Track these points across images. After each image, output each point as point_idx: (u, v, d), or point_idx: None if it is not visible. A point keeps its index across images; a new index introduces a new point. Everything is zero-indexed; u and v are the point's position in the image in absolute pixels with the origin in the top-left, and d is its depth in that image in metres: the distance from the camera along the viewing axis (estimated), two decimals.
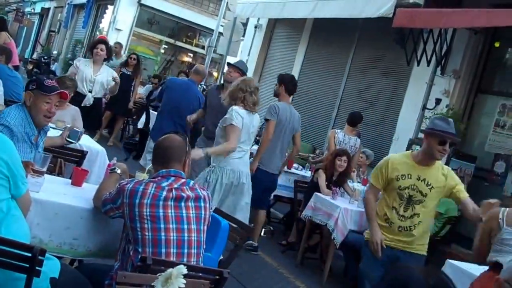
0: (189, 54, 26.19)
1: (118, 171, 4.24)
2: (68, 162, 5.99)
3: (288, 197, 9.51)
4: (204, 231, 3.83)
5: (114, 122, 13.74)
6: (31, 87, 4.70)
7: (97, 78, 9.53)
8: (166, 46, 25.61)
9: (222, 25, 17.61)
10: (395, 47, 11.31)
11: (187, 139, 4.08)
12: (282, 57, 16.30)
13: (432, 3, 10.00)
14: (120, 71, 12.74)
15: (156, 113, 10.64)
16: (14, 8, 37.72)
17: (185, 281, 2.41)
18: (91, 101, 9.45)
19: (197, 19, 24.41)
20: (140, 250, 3.58)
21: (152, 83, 16.50)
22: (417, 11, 9.91)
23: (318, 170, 8.65)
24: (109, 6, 25.32)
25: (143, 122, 13.02)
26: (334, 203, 7.70)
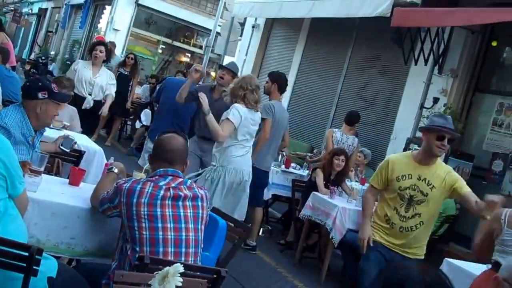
0: (186, 54, 26.17)
1: (116, 171, 4.24)
2: (65, 162, 5.98)
3: (286, 196, 9.49)
4: (201, 230, 3.83)
5: (111, 122, 13.71)
6: (42, 96, 4.61)
7: (96, 81, 9.38)
8: (164, 46, 25.58)
9: (219, 25, 17.59)
10: (393, 46, 11.32)
11: (187, 139, 4.08)
12: (279, 56, 16.28)
13: (429, 3, 10.01)
14: (117, 71, 12.73)
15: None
16: (12, 8, 37.64)
17: (182, 279, 2.41)
18: (91, 103, 9.32)
19: (194, 19, 24.39)
20: (137, 249, 3.58)
21: (149, 83, 16.48)
22: (414, 10, 9.92)
23: (316, 169, 8.64)
24: (106, 6, 25.31)
25: (148, 119, 12.97)
26: (332, 202, 7.69)
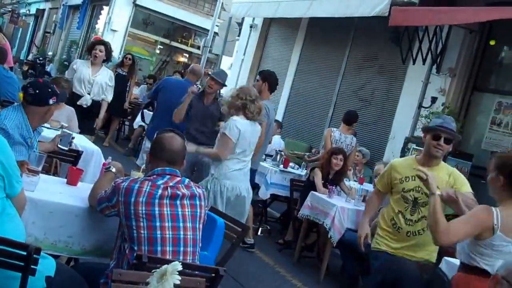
0: (184, 55, 26.21)
1: (113, 170, 4.24)
2: (63, 162, 5.97)
3: (284, 196, 9.49)
4: (199, 229, 3.82)
5: (109, 122, 13.70)
6: (53, 102, 4.70)
7: (95, 79, 9.17)
8: (162, 47, 25.62)
9: (217, 25, 17.61)
10: (391, 46, 11.33)
11: (185, 139, 4.09)
12: (277, 56, 16.27)
13: (427, 2, 10.00)
14: (115, 72, 12.71)
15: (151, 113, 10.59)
16: (9, 9, 37.62)
17: (180, 277, 2.40)
18: (89, 102, 9.14)
19: (192, 19, 24.43)
20: (135, 248, 3.58)
21: (147, 84, 16.48)
22: (412, 10, 9.91)
23: (314, 168, 8.64)
24: (104, 7, 25.36)
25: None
26: (330, 202, 7.69)
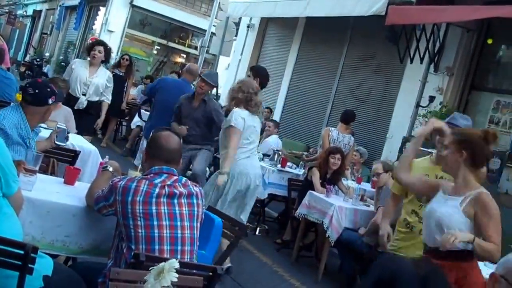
0: (182, 55, 26.18)
1: (110, 169, 4.24)
2: (60, 162, 5.95)
3: (282, 195, 9.48)
4: (197, 228, 3.82)
5: (107, 123, 13.65)
6: (52, 101, 4.73)
7: (92, 81, 8.99)
8: (159, 47, 25.59)
9: (214, 25, 17.59)
10: (388, 45, 11.32)
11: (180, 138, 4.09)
12: (275, 56, 16.28)
13: (424, 1, 10.00)
14: (112, 72, 12.67)
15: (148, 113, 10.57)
16: (6, 11, 37.68)
17: (177, 275, 2.39)
18: (84, 104, 8.96)
19: (189, 20, 24.40)
20: (133, 247, 3.57)
21: (144, 84, 16.46)
22: (409, 8, 9.91)
23: (312, 168, 8.63)
24: (101, 8, 25.32)
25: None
26: (328, 201, 7.68)
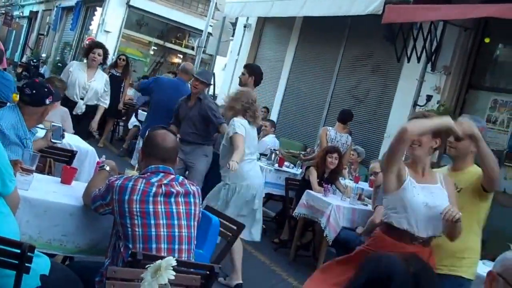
0: (178, 55, 26.17)
1: (107, 168, 4.23)
2: (57, 162, 5.94)
3: (279, 195, 9.48)
4: (194, 227, 3.81)
5: (104, 123, 13.65)
6: (49, 102, 4.73)
7: (91, 85, 8.82)
8: (156, 48, 25.58)
9: (211, 25, 17.57)
10: (385, 44, 11.32)
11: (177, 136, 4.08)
12: (272, 56, 16.27)
13: (421, 0, 9.99)
14: (109, 73, 12.66)
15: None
16: (3, 12, 37.64)
17: (174, 272, 2.38)
18: (83, 109, 8.80)
19: (186, 20, 24.39)
20: (130, 246, 3.56)
21: None
22: (405, 7, 9.91)
23: (309, 167, 8.63)
24: (97, 8, 25.30)
25: None
26: (326, 200, 7.68)
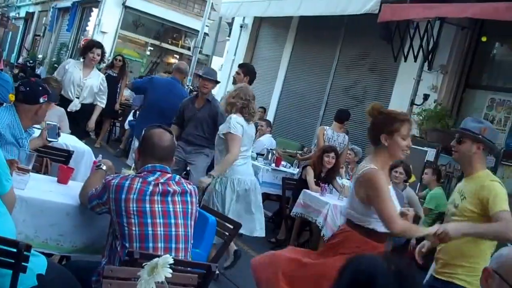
0: (175, 56, 26.13)
1: (104, 168, 4.23)
2: (54, 162, 5.91)
3: (276, 194, 9.46)
4: (191, 226, 3.80)
5: (100, 124, 13.62)
6: (43, 100, 4.71)
7: (86, 82, 8.78)
8: (152, 48, 25.54)
9: (207, 25, 17.55)
10: (382, 43, 11.31)
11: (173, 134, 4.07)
12: (268, 55, 16.27)
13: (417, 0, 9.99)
14: (105, 73, 12.62)
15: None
16: None
17: (171, 270, 2.37)
18: (78, 107, 8.75)
19: (182, 20, 24.37)
20: (127, 245, 3.55)
21: None
22: (401, 5, 9.91)
23: (306, 167, 8.62)
24: (94, 9, 25.27)
25: None
26: (323, 200, 7.68)
